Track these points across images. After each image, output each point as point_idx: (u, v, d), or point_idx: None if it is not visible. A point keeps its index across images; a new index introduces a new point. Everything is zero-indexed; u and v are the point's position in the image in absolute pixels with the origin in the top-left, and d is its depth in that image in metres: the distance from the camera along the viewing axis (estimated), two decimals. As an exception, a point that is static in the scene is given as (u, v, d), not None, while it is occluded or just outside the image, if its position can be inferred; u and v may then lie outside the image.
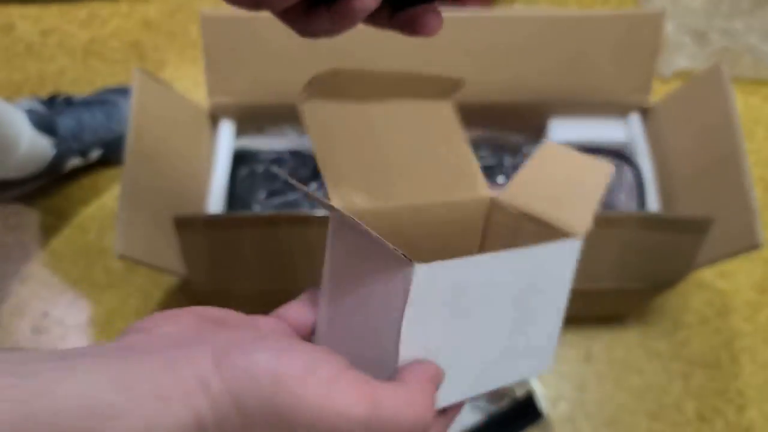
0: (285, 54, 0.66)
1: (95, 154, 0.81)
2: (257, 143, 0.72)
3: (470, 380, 0.27)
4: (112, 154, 0.83)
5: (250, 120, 0.71)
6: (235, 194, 0.70)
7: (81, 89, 0.90)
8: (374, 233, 0.22)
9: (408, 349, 0.24)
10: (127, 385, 0.19)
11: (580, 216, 0.31)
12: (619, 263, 0.60)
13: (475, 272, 0.25)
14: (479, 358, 0.27)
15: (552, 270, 0.28)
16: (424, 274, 0.23)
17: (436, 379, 0.25)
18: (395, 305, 0.23)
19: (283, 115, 0.70)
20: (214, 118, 0.73)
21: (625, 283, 0.63)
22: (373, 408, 0.21)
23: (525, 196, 0.34)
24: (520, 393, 0.69)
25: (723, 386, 0.72)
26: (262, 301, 0.63)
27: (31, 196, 0.83)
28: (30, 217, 0.83)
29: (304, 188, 0.24)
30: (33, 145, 0.74)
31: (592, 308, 0.63)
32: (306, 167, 0.71)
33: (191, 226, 0.54)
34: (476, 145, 0.74)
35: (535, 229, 0.33)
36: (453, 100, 0.35)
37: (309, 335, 0.28)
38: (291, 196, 0.69)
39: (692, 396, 0.72)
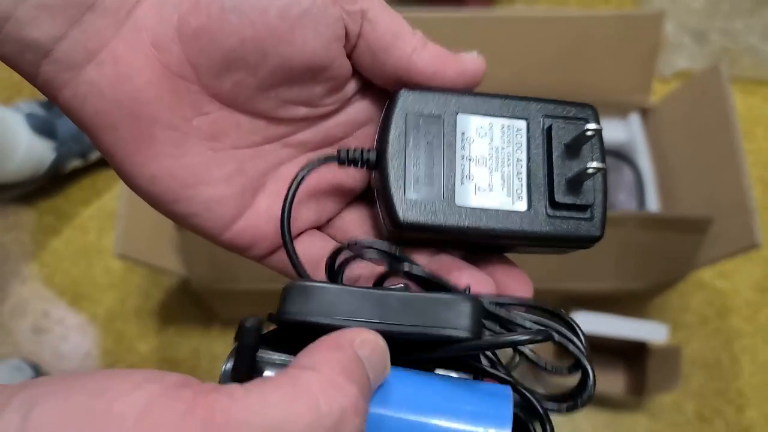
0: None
1: (95, 155, 0.81)
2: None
3: None
4: (112, 154, 0.83)
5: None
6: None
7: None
8: None
9: None
10: None
11: None
12: (619, 263, 0.61)
13: None
14: None
15: None
16: None
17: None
18: None
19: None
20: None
21: (625, 283, 0.63)
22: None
23: None
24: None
25: (723, 386, 0.72)
26: (261, 300, 0.63)
27: (31, 196, 0.83)
28: (30, 217, 0.83)
29: None
30: (31, 150, 0.74)
31: (592, 307, 0.63)
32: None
33: (191, 226, 0.54)
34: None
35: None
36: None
37: None
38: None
39: (692, 396, 0.72)
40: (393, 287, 0.20)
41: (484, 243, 0.22)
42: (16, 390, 0.14)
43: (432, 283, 0.20)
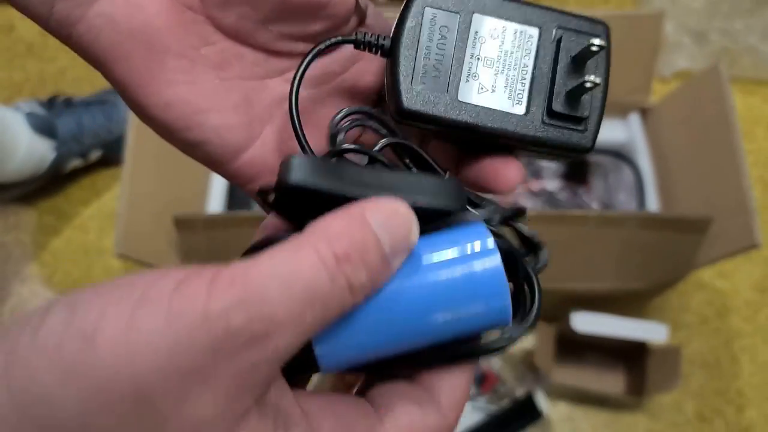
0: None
1: (95, 155, 0.82)
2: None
3: None
4: (112, 154, 0.83)
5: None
6: (235, 194, 0.70)
7: (81, 89, 0.90)
8: None
9: None
10: None
11: None
12: (619, 263, 0.61)
13: None
14: None
15: None
16: None
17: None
18: None
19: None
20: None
21: (625, 282, 0.63)
22: (244, 305, 0.15)
23: None
24: (519, 393, 0.69)
25: (722, 386, 0.72)
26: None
27: (32, 196, 0.83)
28: (30, 217, 0.83)
29: None
30: (31, 150, 0.74)
31: (592, 307, 0.63)
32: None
33: (191, 226, 0.54)
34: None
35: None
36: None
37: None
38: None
39: (692, 396, 0.72)
40: (384, 165, 0.21)
41: (478, 140, 0.23)
42: (53, 301, 0.16)
43: (421, 160, 0.22)
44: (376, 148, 0.22)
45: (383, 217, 0.17)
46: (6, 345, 0.15)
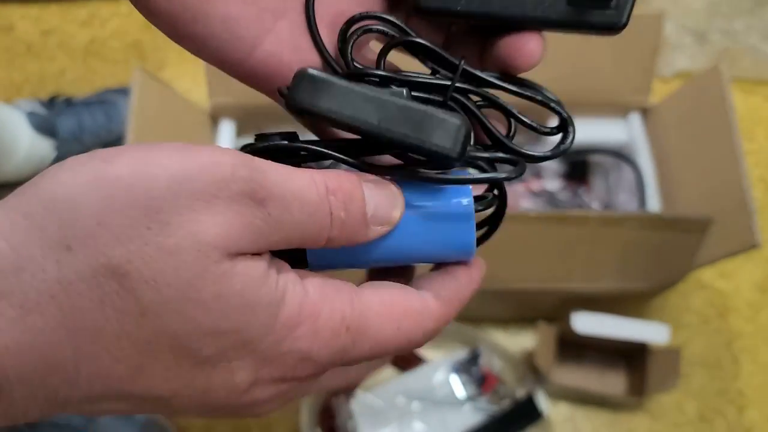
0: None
1: (95, 154, 0.82)
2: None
3: None
4: (112, 154, 0.83)
5: (250, 120, 0.72)
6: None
7: (81, 89, 0.90)
8: None
9: None
10: None
11: None
12: (620, 263, 0.61)
13: None
14: None
15: None
16: None
17: None
18: None
19: (283, 116, 0.70)
20: (214, 118, 0.73)
21: (626, 283, 0.63)
22: (250, 168, 0.18)
23: None
24: (520, 393, 0.69)
25: (724, 386, 0.72)
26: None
27: (32, 196, 0.84)
28: (30, 217, 0.83)
29: None
30: (33, 149, 0.75)
31: (593, 308, 0.63)
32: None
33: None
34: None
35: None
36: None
37: None
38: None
39: (693, 396, 0.72)
40: (395, 90, 0.22)
41: (500, 26, 0.23)
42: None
43: (434, 54, 0.23)
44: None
45: (375, 188, 0.20)
46: (39, 176, 0.17)
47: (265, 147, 0.21)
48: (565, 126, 0.23)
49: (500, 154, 0.23)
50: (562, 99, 0.24)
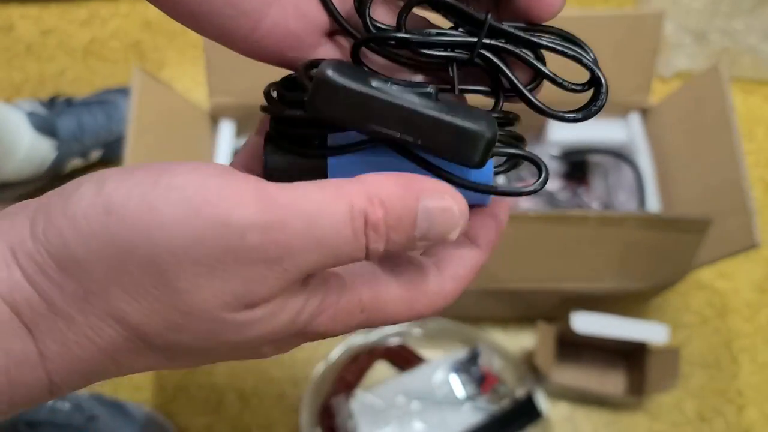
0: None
1: (96, 154, 0.82)
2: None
3: None
4: (112, 154, 0.83)
5: (250, 120, 0.72)
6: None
7: (81, 89, 0.90)
8: None
9: None
10: None
11: None
12: (619, 263, 0.61)
13: None
14: None
15: None
16: None
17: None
18: None
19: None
20: (214, 118, 0.73)
21: (625, 282, 0.63)
22: (275, 206, 0.16)
23: None
24: (520, 393, 0.69)
25: (723, 386, 0.72)
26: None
27: (33, 195, 0.83)
28: (30, 217, 0.83)
29: None
30: (33, 149, 0.75)
31: (592, 308, 0.64)
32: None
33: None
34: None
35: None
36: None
37: None
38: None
39: (692, 396, 0.72)
40: (423, 91, 0.20)
41: None
42: (86, 176, 0.18)
43: (457, 10, 0.21)
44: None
45: (437, 208, 0.18)
46: (43, 211, 0.17)
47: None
48: (597, 83, 0.22)
49: (523, 153, 0.22)
50: (562, 99, 0.23)
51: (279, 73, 0.23)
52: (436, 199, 0.18)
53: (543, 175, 0.22)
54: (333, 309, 0.19)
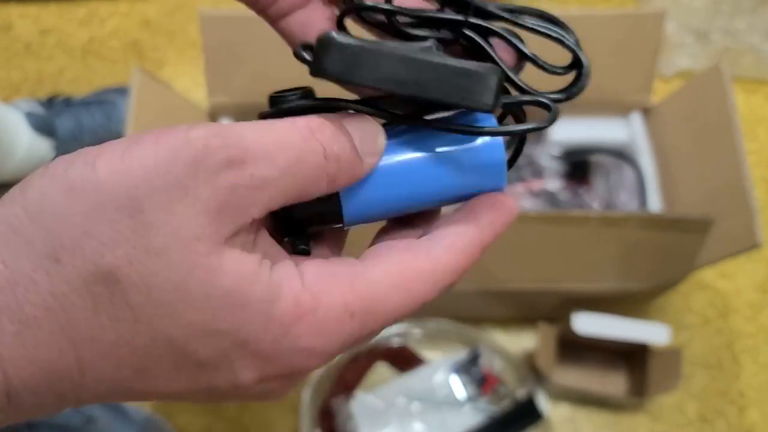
0: (284, 53, 0.66)
1: (94, 154, 0.82)
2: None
3: None
4: (111, 154, 0.83)
5: (249, 119, 0.72)
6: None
7: (80, 89, 0.90)
8: None
9: None
10: None
11: None
12: (621, 263, 0.61)
13: None
14: None
15: None
16: None
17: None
18: None
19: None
20: (213, 118, 0.73)
21: (627, 283, 0.63)
22: (221, 136, 0.18)
23: None
24: (520, 394, 0.69)
25: (724, 387, 0.72)
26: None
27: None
28: (29, 217, 0.83)
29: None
30: (31, 149, 0.75)
31: (593, 308, 0.64)
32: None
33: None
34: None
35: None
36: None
37: None
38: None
39: (694, 397, 0.72)
40: (424, 45, 0.21)
41: None
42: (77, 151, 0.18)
43: None
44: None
45: (354, 122, 0.20)
46: (24, 182, 0.18)
47: (287, 109, 0.20)
48: (579, 65, 0.22)
49: (529, 98, 0.22)
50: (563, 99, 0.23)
51: (278, 73, 0.23)
52: (350, 115, 0.20)
53: (552, 112, 0.22)
54: (314, 312, 0.18)
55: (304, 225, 0.21)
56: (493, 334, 0.74)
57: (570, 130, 0.72)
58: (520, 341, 0.74)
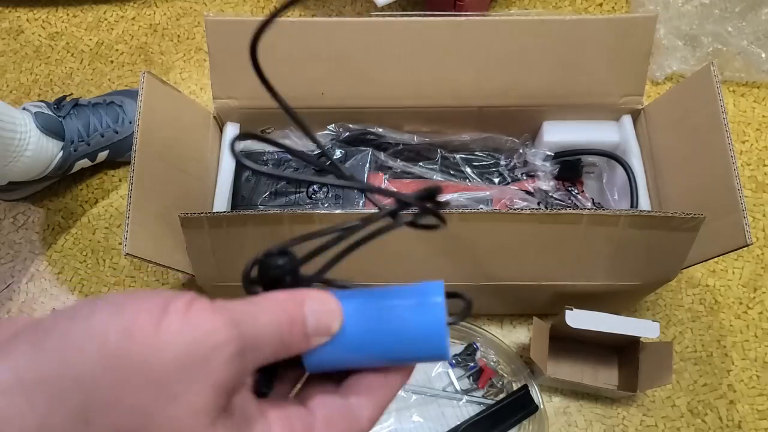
0: (289, 57, 0.67)
1: (102, 155, 0.82)
2: (261, 145, 0.73)
3: None
4: (118, 155, 0.84)
5: (254, 122, 0.73)
6: (240, 194, 0.71)
7: (88, 92, 0.91)
8: None
9: None
10: None
11: None
12: (612, 261, 0.61)
13: None
14: None
15: None
16: None
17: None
18: None
19: (285, 118, 0.71)
20: (219, 120, 0.74)
21: (618, 280, 0.63)
22: (236, 326, 0.20)
23: None
24: (515, 387, 0.70)
25: (714, 381, 0.73)
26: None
27: (40, 196, 0.85)
28: (38, 216, 0.84)
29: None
30: (40, 149, 0.75)
31: (586, 304, 0.64)
32: (308, 168, 0.73)
33: (197, 225, 0.55)
34: (472, 147, 0.76)
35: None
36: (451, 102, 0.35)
37: None
38: (293, 196, 0.71)
39: (684, 391, 0.73)
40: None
41: None
42: (86, 301, 0.20)
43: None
44: None
45: (316, 303, 0.23)
46: (42, 328, 0.19)
47: (273, 279, 0.25)
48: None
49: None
50: (556, 101, 0.24)
51: (282, 77, 0.25)
52: (317, 300, 0.23)
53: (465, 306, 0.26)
54: None
55: (275, 371, 0.25)
56: (489, 328, 0.74)
57: (563, 132, 0.73)
58: (515, 335, 0.75)
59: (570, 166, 0.74)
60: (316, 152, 0.72)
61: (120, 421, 0.18)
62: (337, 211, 0.56)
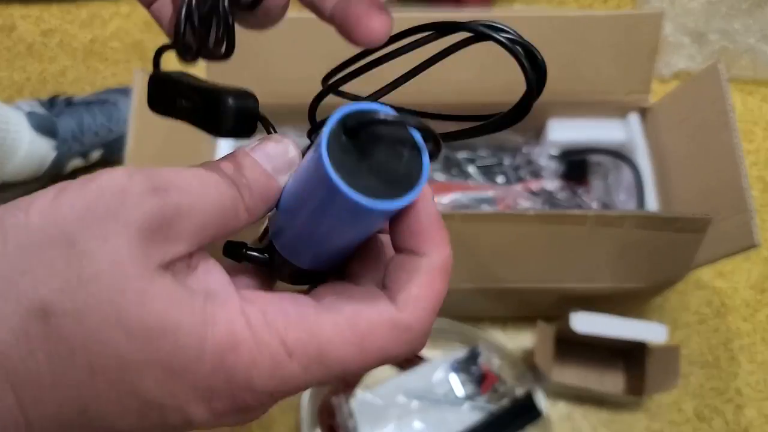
0: (285, 55, 0.66)
1: (96, 154, 0.82)
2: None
3: None
4: (112, 154, 0.83)
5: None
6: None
7: (82, 89, 0.91)
8: None
9: None
10: None
11: None
12: (618, 263, 0.61)
13: None
14: None
15: None
16: None
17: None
18: None
19: (283, 116, 0.70)
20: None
21: (624, 282, 0.63)
22: (141, 171, 0.19)
23: None
24: (519, 392, 0.70)
25: (721, 385, 0.73)
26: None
27: (32, 196, 0.84)
28: (31, 216, 0.83)
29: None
30: (32, 148, 0.75)
31: (592, 307, 0.64)
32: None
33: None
34: (476, 146, 0.75)
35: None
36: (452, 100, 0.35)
37: None
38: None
39: (691, 395, 0.72)
40: None
41: None
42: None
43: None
44: None
45: (263, 146, 0.22)
46: None
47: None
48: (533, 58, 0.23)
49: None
50: (561, 98, 0.23)
51: (277, 75, 0.24)
52: (261, 140, 0.22)
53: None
54: (249, 345, 0.17)
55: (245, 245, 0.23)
56: (492, 332, 0.74)
57: (568, 130, 0.72)
58: (519, 340, 0.74)
59: (575, 165, 0.73)
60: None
61: (27, 293, 0.16)
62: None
